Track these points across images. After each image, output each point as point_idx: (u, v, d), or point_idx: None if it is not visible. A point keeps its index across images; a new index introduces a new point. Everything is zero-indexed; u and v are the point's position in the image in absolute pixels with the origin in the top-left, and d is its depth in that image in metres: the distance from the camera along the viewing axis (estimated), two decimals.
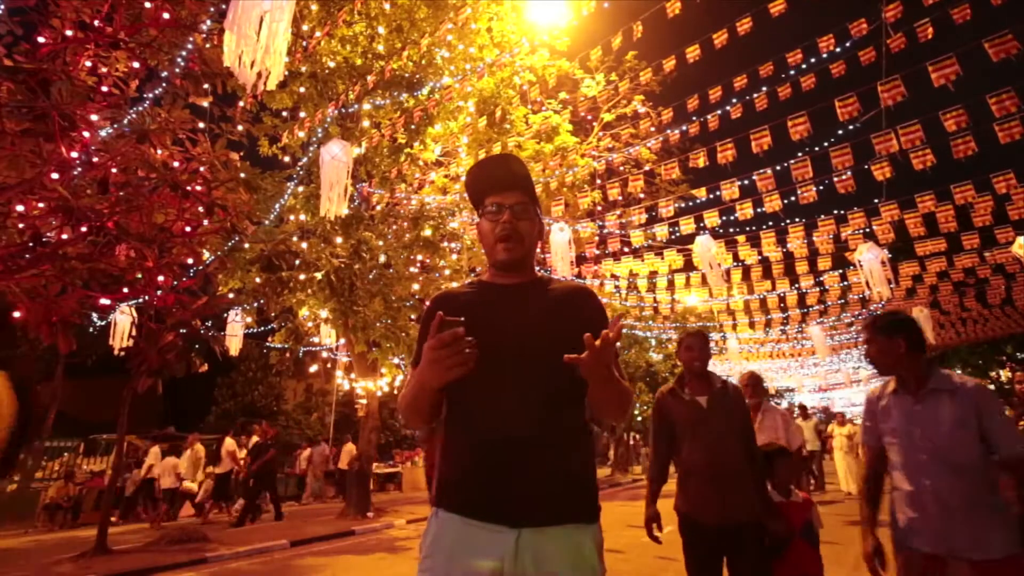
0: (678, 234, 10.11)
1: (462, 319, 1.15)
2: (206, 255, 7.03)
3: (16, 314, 3.96)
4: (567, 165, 11.23)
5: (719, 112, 7.64)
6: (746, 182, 8.36)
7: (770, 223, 10.16)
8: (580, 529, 1.24)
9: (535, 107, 12.08)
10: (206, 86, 5.14)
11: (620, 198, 10.39)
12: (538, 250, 2.17)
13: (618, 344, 1.16)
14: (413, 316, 10.37)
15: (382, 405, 11.90)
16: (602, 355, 1.13)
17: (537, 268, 1.55)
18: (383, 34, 10.53)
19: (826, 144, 7.49)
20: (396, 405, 1.40)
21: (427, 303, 1.47)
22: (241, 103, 8.85)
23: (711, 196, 9.18)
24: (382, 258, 10.67)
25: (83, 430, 15.17)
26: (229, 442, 11.23)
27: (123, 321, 8.67)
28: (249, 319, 11.11)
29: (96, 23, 4.43)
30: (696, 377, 2.87)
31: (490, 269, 1.49)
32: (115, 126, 4.62)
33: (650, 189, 13.32)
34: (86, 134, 4.21)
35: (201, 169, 4.89)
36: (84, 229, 4.15)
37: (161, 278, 4.74)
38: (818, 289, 13.36)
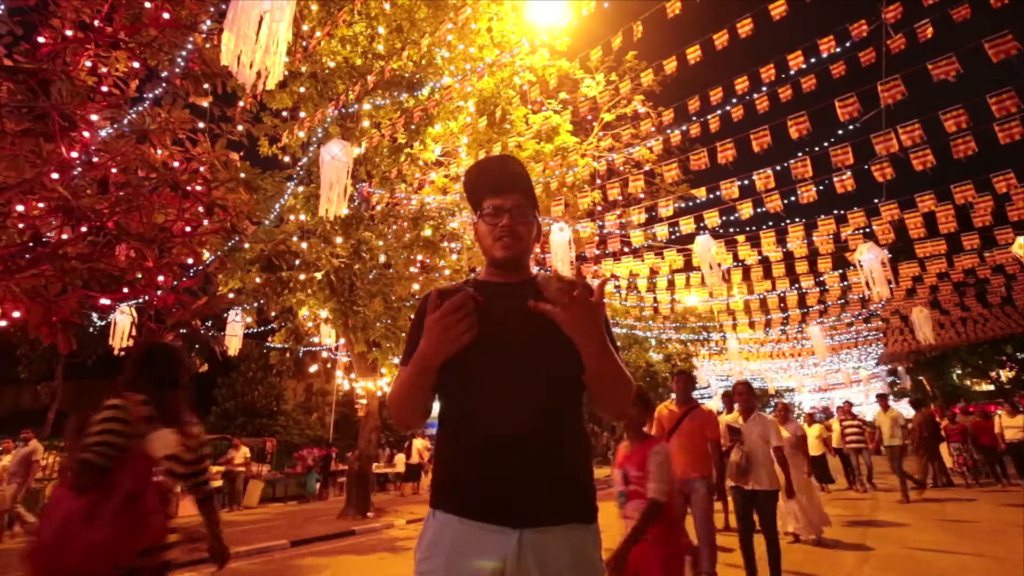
0: (678, 234, 10.11)
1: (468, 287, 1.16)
2: (206, 255, 7.03)
3: (16, 314, 3.96)
4: (567, 165, 11.22)
5: (719, 112, 7.64)
6: (746, 182, 8.36)
7: (770, 223, 10.17)
8: (581, 528, 1.25)
9: (535, 107, 12.07)
10: (206, 86, 5.14)
11: (620, 198, 10.39)
12: (537, 250, 2.17)
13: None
14: (413, 316, 10.35)
15: (382, 405, 11.89)
16: (584, 304, 1.14)
17: (536, 268, 1.55)
18: (383, 34, 10.53)
19: (826, 144, 7.49)
20: (387, 401, 1.40)
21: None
22: (241, 103, 8.85)
23: (711, 196, 9.18)
24: (382, 258, 10.66)
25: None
26: None
27: (123, 321, 8.68)
28: (249, 319, 11.10)
29: (96, 23, 4.42)
30: None
31: (487, 268, 1.49)
32: (115, 126, 4.62)
33: (650, 189, 13.31)
34: (86, 134, 4.20)
35: (201, 169, 4.89)
36: (84, 229, 4.15)
37: (161, 278, 4.73)
38: (818, 289, 13.36)
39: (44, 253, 4.02)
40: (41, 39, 4.19)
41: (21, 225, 4.20)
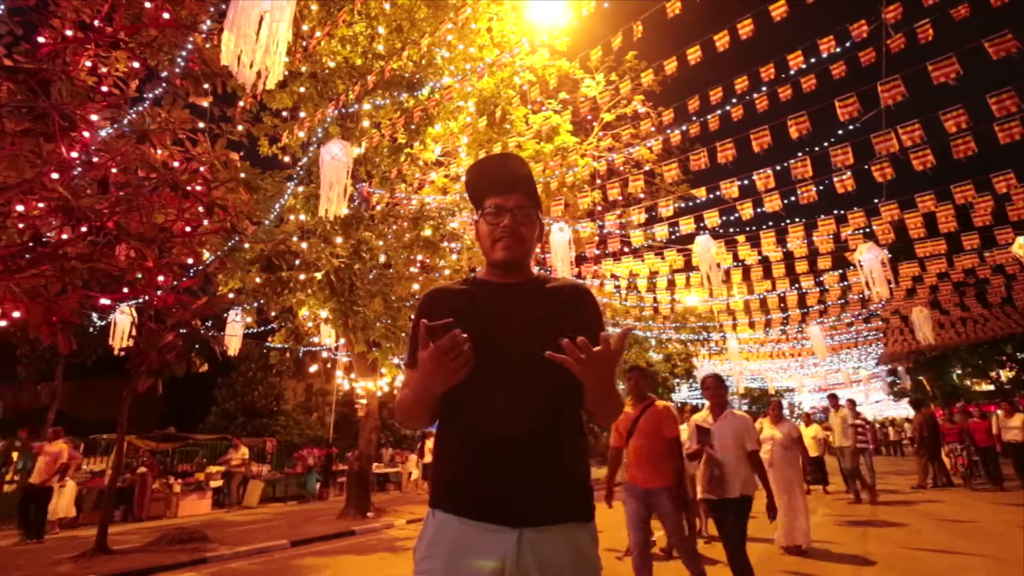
0: (678, 234, 10.10)
1: (451, 320, 1.14)
2: (206, 255, 7.03)
3: (16, 314, 3.96)
4: (567, 165, 11.21)
5: (719, 112, 7.64)
6: (746, 182, 8.36)
7: (770, 223, 10.16)
8: (579, 527, 1.25)
9: (535, 107, 12.07)
10: (206, 86, 5.14)
11: (620, 198, 10.39)
12: (537, 250, 2.16)
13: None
14: (413, 316, 10.34)
15: (382, 405, 11.90)
16: (602, 361, 1.14)
17: (536, 268, 1.54)
18: (383, 34, 10.53)
19: (826, 144, 7.49)
20: (395, 406, 1.39)
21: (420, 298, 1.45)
22: (241, 103, 8.85)
23: (711, 196, 9.18)
24: (382, 258, 10.66)
25: (83, 430, 15.15)
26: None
27: (123, 321, 8.69)
28: (249, 319, 11.11)
29: (96, 23, 4.42)
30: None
31: (487, 268, 1.47)
32: (115, 126, 4.62)
33: (650, 189, 13.31)
34: (86, 134, 4.20)
35: (201, 169, 4.89)
36: (84, 229, 4.15)
37: (161, 278, 4.73)
38: (818, 289, 13.36)
39: (44, 253, 4.02)
40: (41, 39, 4.19)
41: (21, 225, 4.20)
